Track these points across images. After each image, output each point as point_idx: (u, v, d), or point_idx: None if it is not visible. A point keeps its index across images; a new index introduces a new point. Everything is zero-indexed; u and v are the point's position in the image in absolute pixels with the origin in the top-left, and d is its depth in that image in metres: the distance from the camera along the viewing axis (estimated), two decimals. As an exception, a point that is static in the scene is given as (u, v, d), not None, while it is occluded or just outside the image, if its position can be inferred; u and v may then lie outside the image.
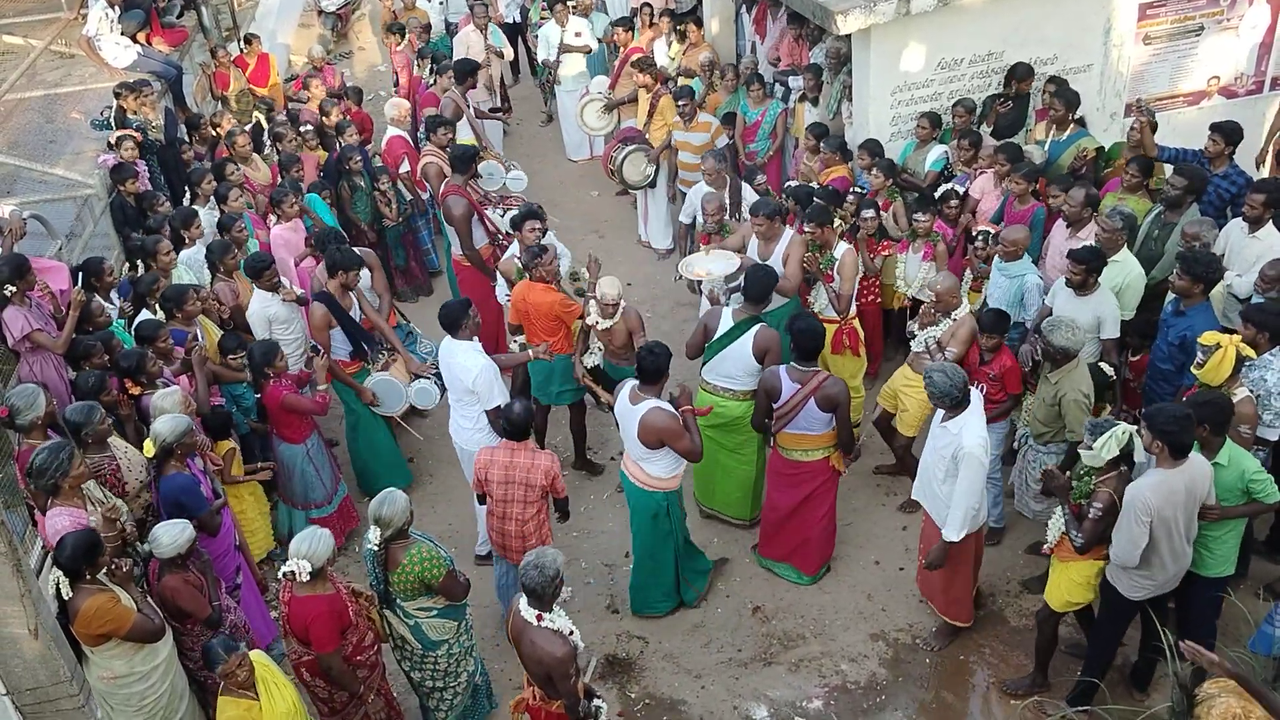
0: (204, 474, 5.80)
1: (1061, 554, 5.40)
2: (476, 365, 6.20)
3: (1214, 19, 8.52)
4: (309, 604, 4.78)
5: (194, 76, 11.26)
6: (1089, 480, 5.16)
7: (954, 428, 5.45)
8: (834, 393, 5.89)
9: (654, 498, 6.01)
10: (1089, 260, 6.13)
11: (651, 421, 5.68)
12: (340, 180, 9.18)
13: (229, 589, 5.74)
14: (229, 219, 7.80)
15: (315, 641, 4.81)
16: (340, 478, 7.21)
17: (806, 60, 9.55)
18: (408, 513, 4.98)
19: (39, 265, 6.61)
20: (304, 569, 4.70)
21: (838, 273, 7.10)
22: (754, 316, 6.39)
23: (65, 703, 4.59)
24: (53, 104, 10.21)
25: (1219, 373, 5.38)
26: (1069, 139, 7.71)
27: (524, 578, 4.53)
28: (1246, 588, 6.05)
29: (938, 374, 5.42)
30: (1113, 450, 4.96)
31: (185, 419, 5.60)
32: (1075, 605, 5.53)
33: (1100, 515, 5.06)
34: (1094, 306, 6.20)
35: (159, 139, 8.90)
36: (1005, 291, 6.77)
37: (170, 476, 5.51)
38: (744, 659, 6.24)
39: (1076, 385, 5.83)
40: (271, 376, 6.52)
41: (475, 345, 6.34)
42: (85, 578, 4.66)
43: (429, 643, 5.22)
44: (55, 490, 5.03)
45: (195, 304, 6.81)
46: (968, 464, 5.38)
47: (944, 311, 6.47)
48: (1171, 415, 4.86)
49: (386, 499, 4.96)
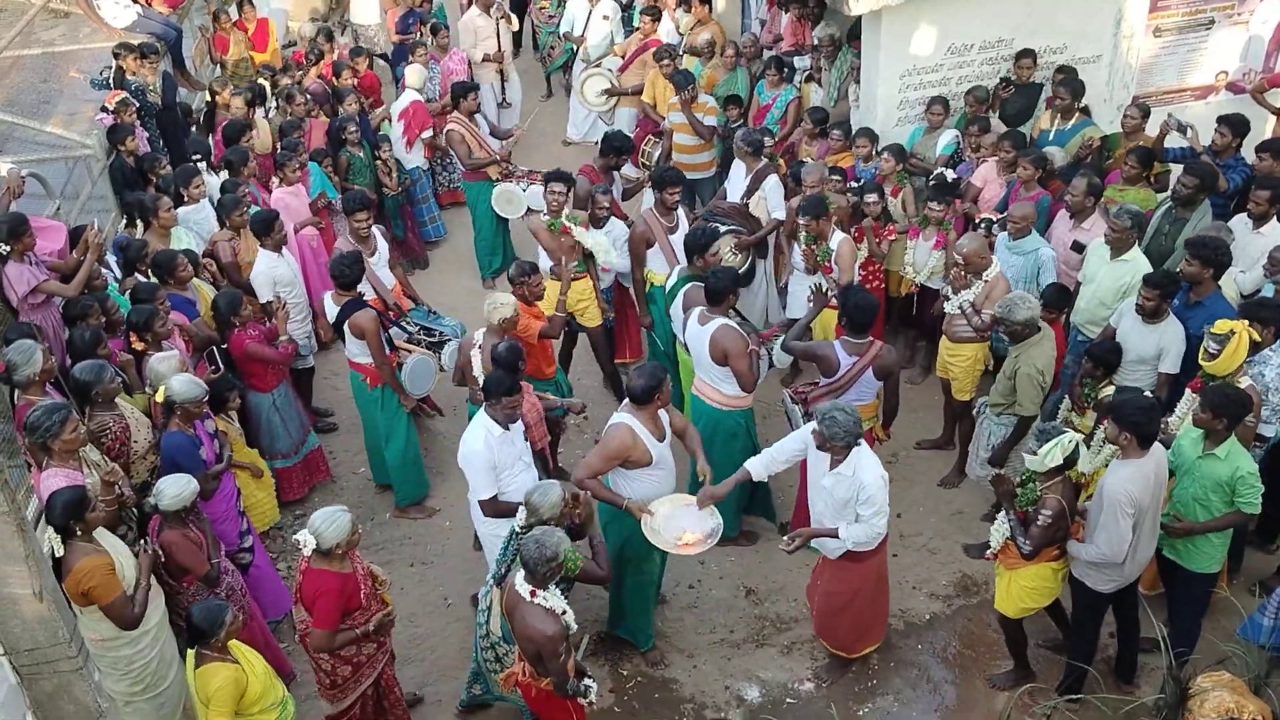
0: (211, 437, 5.77)
1: (1008, 561, 5.34)
2: (471, 447, 5.54)
3: (1225, 13, 8.50)
4: (321, 578, 4.77)
5: (193, 39, 11.14)
6: (1034, 487, 5.10)
7: (847, 470, 5.16)
8: (889, 361, 5.99)
9: (732, 416, 6.25)
10: (1164, 286, 5.78)
11: (719, 338, 5.95)
12: (339, 149, 9.10)
13: (232, 552, 5.72)
14: (232, 182, 7.75)
15: (316, 616, 4.80)
16: (310, 429, 7.23)
17: (809, 40, 9.50)
18: (557, 509, 4.91)
19: (36, 225, 6.54)
20: (309, 543, 4.69)
21: (835, 263, 7.09)
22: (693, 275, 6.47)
23: (64, 664, 4.57)
24: (50, 62, 10.09)
25: (1232, 362, 5.32)
26: (1074, 128, 7.70)
27: (523, 550, 4.51)
28: (1240, 583, 6.09)
29: (839, 414, 5.06)
30: (1056, 459, 4.94)
31: (200, 386, 5.60)
32: (1030, 611, 5.48)
33: (1050, 522, 5.03)
34: (1159, 336, 5.87)
35: (157, 102, 8.81)
36: (1018, 269, 6.76)
37: (170, 434, 5.52)
38: (736, 640, 6.24)
39: (1032, 361, 5.88)
40: (236, 325, 6.56)
41: (487, 422, 5.57)
42: (76, 534, 4.64)
43: (508, 636, 5.04)
44: (46, 450, 5.00)
45: (186, 269, 6.78)
46: (871, 502, 5.19)
47: (975, 273, 6.49)
48: (1138, 406, 4.88)
49: (540, 488, 4.96)
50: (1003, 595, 5.50)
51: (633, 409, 5.48)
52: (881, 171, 7.70)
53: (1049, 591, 5.41)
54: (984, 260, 6.49)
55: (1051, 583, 5.37)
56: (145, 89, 8.68)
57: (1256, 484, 5.06)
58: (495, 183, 8.96)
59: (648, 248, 7.36)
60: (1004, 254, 6.84)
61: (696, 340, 6.17)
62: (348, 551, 4.81)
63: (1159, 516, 5.11)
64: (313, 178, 8.47)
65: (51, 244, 6.60)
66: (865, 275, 7.44)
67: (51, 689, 4.66)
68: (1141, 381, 5.99)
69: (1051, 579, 5.35)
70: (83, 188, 7.99)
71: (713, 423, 6.31)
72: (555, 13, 11.90)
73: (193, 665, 4.58)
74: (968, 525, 6.88)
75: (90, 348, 5.77)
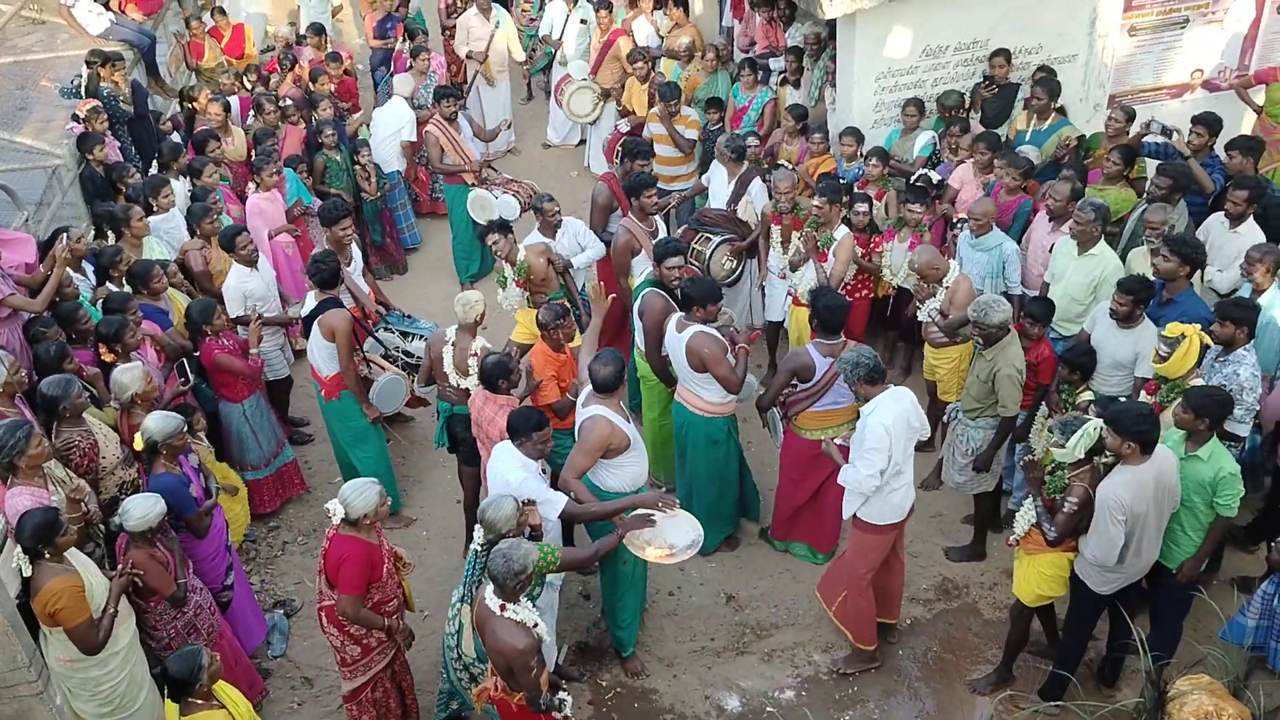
0: (197, 472, 5.68)
1: (1030, 546, 5.35)
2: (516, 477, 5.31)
3: (1199, 12, 8.50)
4: (347, 544, 4.88)
5: (168, 46, 11.05)
6: (1062, 475, 5.14)
7: (867, 410, 5.37)
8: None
9: (713, 423, 6.21)
10: (1137, 291, 5.78)
11: (695, 346, 5.93)
12: (316, 154, 9.03)
13: (216, 590, 5.65)
14: (202, 190, 7.68)
15: (341, 582, 4.88)
16: (284, 443, 7.16)
17: (782, 42, 9.46)
18: (513, 521, 4.86)
19: (3, 237, 6.47)
20: (338, 512, 4.83)
21: (833, 253, 7.06)
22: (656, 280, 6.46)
23: (23, 689, 4.50)
24: (22, 70, 9.99)
25: (1183, 365, 5.36)
26: (1050, 128, 7.68)
27: (490, 564, 4.46)
28: (1219, 584, 6.08)
29: (849, 354, 5.43)
30: (1085, 448, 4.95)
31: (176, 418, 5.49)
32: (1047, 599, 5.50)
33: (1076, 509, 5.05)
34: (1135, 341, 5.88)
35: (129, 110, 8.72)
36: (982, 266, 6.77)
37: (158, 476, 5.39)
38: (717, 648, 6.20)
39: (1010, 361, 5.87)
40: (208, 334, 6.51)
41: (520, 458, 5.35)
42: (45, 556, 4.57)
43: (482, 655, 5.02)
44: (12, 469, 4.92)
45: (161, 280, 6.72)
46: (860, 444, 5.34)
47: (935, 280, 6.50)
48: (1138, 414, 4.86)
49: (492, 503, 4.90)
50: (1021, 581, 5.48)
51: (600, 398, 5.46)
52: (868, 176, 7.68)
53: (1064, 581, 5.38)
54: (938, 270, 6.51)
55: (1067, 572, 5.36)
56: (118, 97, 8.59)
57: (1238, 486, 5.05)
58: (471, 187, 8.92)
59: (633, 256, 7.29)
60: (967, 251, 6.85)
61: (674, 348, 6.14)
62: (374, 524, 4.93)
63: (1164, 520, 5.08)
64: (289, 184, 8.40)
65: (19, 256, 6.51)
66: (854, 284, 7.40)
67: (12, 713, 4.59)
68: (1119, 387, 5.98)
69: (1069, 568, 5.34)
70: (54, 197, 7.90)
71: (693, 429, 6.28)
72: (536, 16, 11.89)
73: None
74: (948, 528, 6.86)
75: (56, 362, 5.69)
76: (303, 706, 5.94)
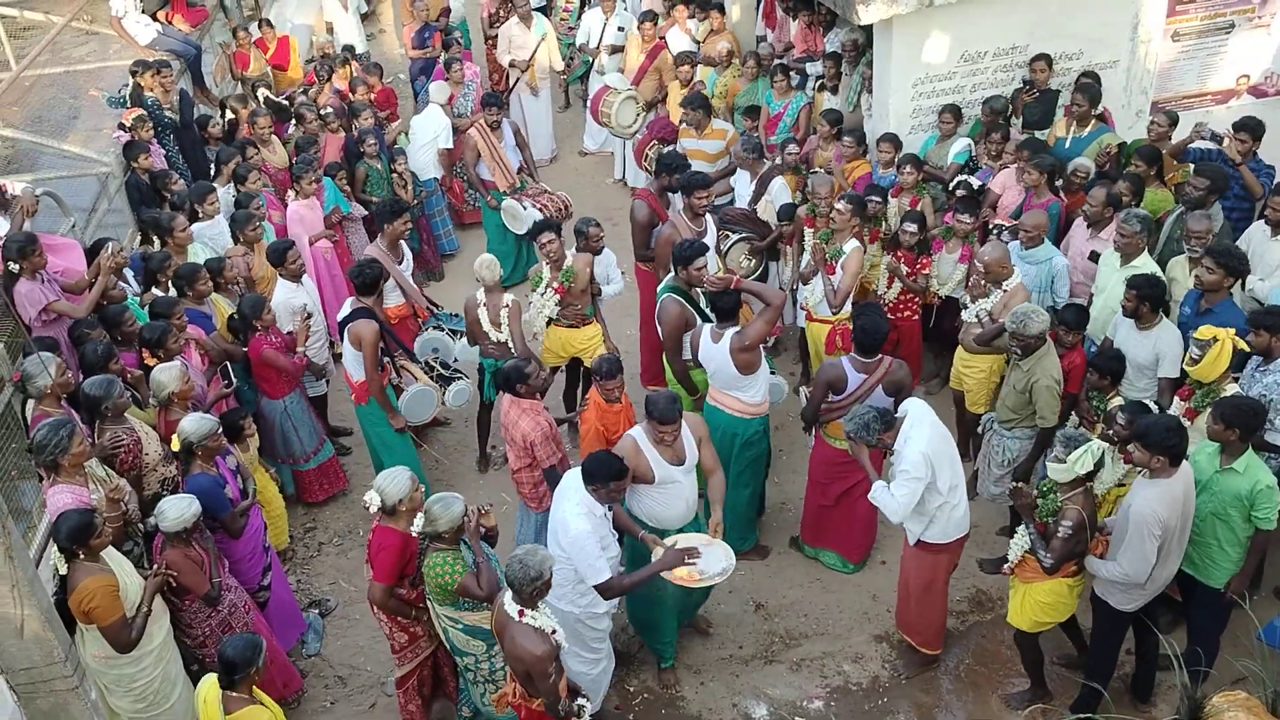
0: (234, 473, 5.76)
1: (1025, 575, 5.24)
2: (577, 527, 5.12)
3: (1245, 16, 8.35)
4: (384, 534, 5.05)
5: (214, 56, 11.25)
6: (1055, 498, 5.02)
7: (899, 444, 5.28)
8: (900, 376, 5.93)
9: (751, 424, 6.31)
10: (1143, 287, 5.79)
11: (738, 348, 6.02)
12: (356, 162, 9.16)
13: (252, 590, 5.74)
14: (246, 197, 7.83)
15: (375, 569, 5.05)
16: (324, 439, 7.32)
17: (821, 47, 9.42)
18: (456, 522, 4.90)
19: (50, 243, 6.61)
20: (374, 501, 5.03)
21: (841, 266, 7.02)
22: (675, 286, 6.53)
23: (59, 684, 4.59)
24: (73, 80, 10.23)
25: (1215, 369, 5.29)
26: (1090, 135, 7.58)
27: (507, 570, 4.48)
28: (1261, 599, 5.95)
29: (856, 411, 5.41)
30: (1087, 465, 4.85)
31: (211, 420, 5.60)
32: (1046, 626, 5.38)
33: (1070, 534, 4.94)
34: (1154, 342, 5.87)
35: (174, 119, 8.90)
36: (1031, 279, 6.67)
37: (194, 476, 5.50)
38: (745, 656, 6.18)
39: (1048, 371, 5.80)
40: (258, 330, 6.65)
41: (589, 501, 5.21)
42: (79, 557, 4.68)
43: (456, 650, 5.20)
44: (55, 467, 5.03)
45: (206, 283, 6.85)
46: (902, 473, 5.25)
47: (994, 282, 6.43)
48: (1166, 428, 4.78)
49: (441, 500, 4.97)
50: (1016, 610, 5.40)
51: (646, 427, 5.47)
52: (903, 184, 7.63)
53: (1065, 608, 5.31)
54: (1005, 270, 6.42)
55: (1067, 599, 5.28)
56: (162, 106, 8.77)
57: (1275, 498, 4.94)
58: (505, 195, 9.01)
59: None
60: (1016, 263, 6.75)
61: (712, 359, 6.18)
62: (410, 511, 5.02)
63: (1187, 532, 5.00)
64: (326, 192, 8.53)
65: (65, 261, 6.65)
66: (898, 303, 7.37)
67: (48, 708, 4.69)
68: (1146, 391, 5.91)
69: (1067, 595, 5.25)
70: (100, 204, 8.08)
71: (730, 431, 6.29)
72: (575, 24, 11.95)
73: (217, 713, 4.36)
74: (982, 539, 6.77)
75: (103, 362, 5.81)
76: (335, 705, 6.01)
